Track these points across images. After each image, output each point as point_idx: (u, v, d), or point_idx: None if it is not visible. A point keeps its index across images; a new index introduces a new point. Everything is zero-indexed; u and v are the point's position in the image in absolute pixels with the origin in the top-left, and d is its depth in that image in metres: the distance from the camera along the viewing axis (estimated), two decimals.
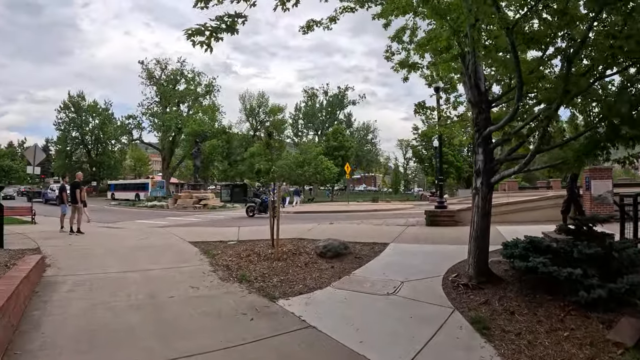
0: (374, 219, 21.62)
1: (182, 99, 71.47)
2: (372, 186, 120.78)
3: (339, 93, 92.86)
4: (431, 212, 16.48)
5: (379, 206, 33.74)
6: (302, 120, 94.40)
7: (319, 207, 36.83)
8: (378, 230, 15.17)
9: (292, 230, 15.52)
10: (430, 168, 67.67)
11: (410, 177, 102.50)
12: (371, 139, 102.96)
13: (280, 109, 73.42)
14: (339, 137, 70.33)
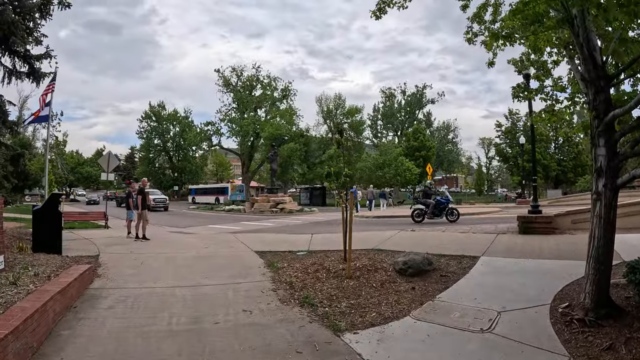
0: (458, 224, 19.71)
1: (259, 104, 71.45)
2: (454, 187, 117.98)
3: (417, 92, 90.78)
4: (525, 218, 14.43)
5: (462, 209, 31.25)
6: (381, 121, 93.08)
7: (401, 210, 34.83)
8: (465, 240, 13.25)
9: (370, 238, 14.16)
10: (516, 167, 64.41)
11: (493, 177, 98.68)
12: (452, 139, 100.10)
13: (358, 110, 71.52)
14: (419, 137, 68.03)
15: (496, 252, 11.00)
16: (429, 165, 44.74)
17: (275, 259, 11.47)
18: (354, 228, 10.48)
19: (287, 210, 37.78)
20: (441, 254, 10.74)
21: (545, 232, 13.83)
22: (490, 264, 9.75)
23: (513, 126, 68.95)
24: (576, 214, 14.78)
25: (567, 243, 11.81)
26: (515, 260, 10.00)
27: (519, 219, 14.28)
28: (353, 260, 9.84)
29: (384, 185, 55.85)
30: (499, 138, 72.64)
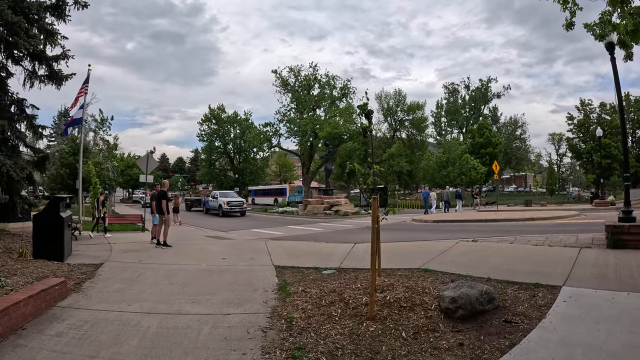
0: (530, 232, 16.47)
1: (318, 104, 69.29)
2: (523, 187, 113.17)
3: (481, 86, 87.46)
4: (615, 228, 11.29)
5: (533, 213, 27.44)
6: (445, 118, 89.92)
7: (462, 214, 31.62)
8: (539, 256, 10.29)
9: (419, 252, 11.85)
10: (590, 164, 59.92)
11: (564, 176, 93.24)
12: (520, 135, 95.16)
13: (419, 106, 68.27)
14: (485, 133, 64.66)
15: (583, 277, 8.03)
16: (495, 163, 41.23)
17: (294, 279, 9.42)
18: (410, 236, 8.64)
19: (342, 212, 35.27)
20: (507, 279, 8.03)
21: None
22: (578, 300, 6.71)
23: (586, 118, 64.65)
24: None
25: None
26: (612, 294, 6.85)
27: (608, 229, 11.22)
28: (386, 289, 7.33)
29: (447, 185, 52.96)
30: (571, 132, 68.24)
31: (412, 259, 10.53)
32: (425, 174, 57.38)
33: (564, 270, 8.48)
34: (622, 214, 11.76)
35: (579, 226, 18.67)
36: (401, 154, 60.73)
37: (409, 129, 69.32)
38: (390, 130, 71.20)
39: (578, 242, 12.05)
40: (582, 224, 19.75)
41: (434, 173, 55.68)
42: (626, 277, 7.82)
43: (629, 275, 8.00)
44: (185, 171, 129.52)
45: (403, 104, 70.22)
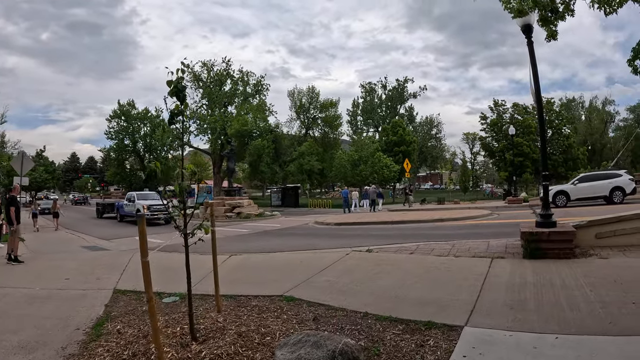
0: (438, 237, 14.57)
1: (230, 100, 66.53)
2: (439, 184, 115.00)
3: (398, 86, 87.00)
4: (532, 236, 9.38)
5: (443, 213, 25.37)
6: (361, 117, 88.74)
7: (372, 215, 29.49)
8: (439, 273, 8.20)
9: (297, 268, 9.75)
10: (502, 162, 60.43)
11: (478, 173, 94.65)
12: (435, 134, 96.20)
13: (333, 104, 66.83)
14: (398, 131, 63.53)
15: (494, 308, 5.89)
16: (406, 161, 40.07)
17: (124, 309, 7.33)
18: (300, 244, 10.15)
19: (244, 214, 32.70)
20: (390, 315, 5.82)
21: (563, 254, 9.07)
22: (485, 351, 4.47)
23: (499, 118, 65.47)
24: (603, 225, 10.28)
25: (608, 280, 7.09)
26: (534, 339, 4.70)
27: (524, 237, 9.35)
28: (211, 335, 5.13)
29: (360, 184, 51.55)
30: (484, 131, 68.79)
31: (284, 279, 8.44)
32: (337, 172, 55.68)
33: (469, 297, 6.46)
34: (540, 218, 9.93)
35: (492, 228, 17.14)
36: (312, 152, 59.18)
37: (322, 127, 67.61)
38: (303, 127, 69.17)
39: (489, 250, 10.24)
40: (494, 225, 18.29)
41: (346, 171, 54.08)
42: (550, 306, 5.87)
43: (553, 301, 6.08)
44: (96, 171, 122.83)
45: (316, 102, 68.43)
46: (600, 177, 27.95)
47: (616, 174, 28.37)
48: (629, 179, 27.48)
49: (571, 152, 63.30)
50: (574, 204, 27.47)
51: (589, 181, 28.02)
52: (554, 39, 8.78)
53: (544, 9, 8.12)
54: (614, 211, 11.73)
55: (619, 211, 10.94)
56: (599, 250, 9.51)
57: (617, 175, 27.87)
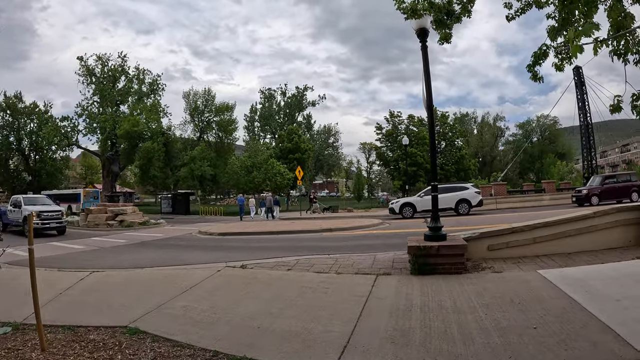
0: (322, 249, 13.62)
1: (123, 99, 62.92)
2: (335, 192, 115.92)
3: (297, 94, 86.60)
4: (420, 250, 8.53)
5: (334, 222, 24.48)
6: (259, 123, 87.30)
7: (255, 225, 28.10)
8: (316, 295, 7.09)
9: (157, 289, 8.36)
10: (396, 171, 61.59)
11: (374, 182, 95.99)
12: (332, 143, 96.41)
13: (229, 108, 64.83)
14: (294, 138, 62.90)
15: (372, 343, 4.86)
16: (299, 169, 39.23)
17: None
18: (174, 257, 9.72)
19: (127, 222, 30.29)
20: (244, 356, 4.65)
21: (454, 270, 8.32)
22: None
23: (394, 129, 66.87)
24: (495, 237, 9.90)
25: (504, 299, 6.41)
26: None
27: (412, 252, 8.44)
28: None
29: (252, 192, 50.25)
30: (379, 141, 69.98)
31: (137, 303, 7.05)
32: (229, 178, 53.91)
33: (345, 327, 5.43)
34: (430, 231, 9.10)
35: (381, 238, 16.47)
36: (205, 157, 57.08)
37: (217, 131, 65.59)
38: (197, 131, 66.81)
39: (375, 266, 9.33)
40: (384, 236, 17.57)
41: (238, 178, 52.56)
42: (439, 338, 4.97)
43: (443, 331, 5.20)
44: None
45: (212, 105, 66.32)
46: (447, 189, 28.53)
47: (463, 187, 29.99)
48: (475, 192, 28.85)
49: (463, 163, 66.33)
50: (475, 211, 28.23)
51: (439, 193, 28.12)
52: (447, 42, 8.33)
53: (440, 11, 7.72)
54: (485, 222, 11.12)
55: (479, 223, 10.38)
56: (492, 263, 9.04)
57: (464, 188, 29.22)
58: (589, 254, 9.72)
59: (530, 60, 7.89)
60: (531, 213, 25.73)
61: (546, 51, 7.74)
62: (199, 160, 56.55)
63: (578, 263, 8.92)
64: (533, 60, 7.86)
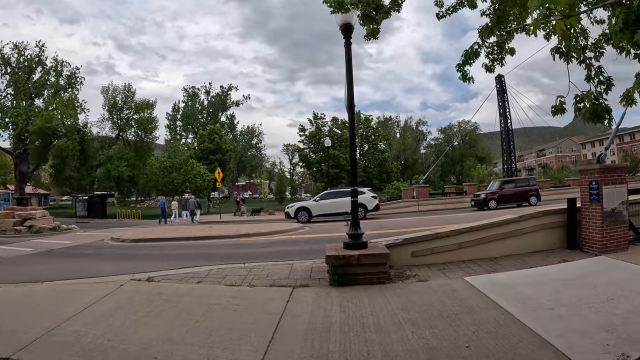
0: (237, 257, 12.74)
1: (38, 92, 59.19)
2: (258, 193, 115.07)
3: (221, 93, 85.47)
4: (339, 260, 8.08)
5: (253, 227, 23.09)
6: (181, 122, 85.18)
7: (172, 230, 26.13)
8: (222, 316, 6.37)
9: (50, 309, 7.40)
10: (319, 173, 61.59)
11: (297, 184, 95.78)
12: (256, 144, 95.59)
13: (149, 105, 62.41)
14: (215, 139, 61.89)
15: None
16: (218, 170, 38.23)
17: None
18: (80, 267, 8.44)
19: (35, 228, 28.02)
20: None
21: (377, 279, 8.02)
22: None
23: (317, 131, 66.82)
24: (420, 243, 9.77)
25: (432, 313, 6.13)
26: None
27: (330, 261, 8.02)
28: None
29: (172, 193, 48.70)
30: (302, 143, 69.94)
31: (26, 328, 6.12)
32: (148, 180, 52.04)
33: (253, 354, 4.96)
34: (349, 238, 8.72)
35: (300, 244, 15.89)
36: (123, 156, 54.83)
37: (136, 130, 63.18)
38: (115, 129, 64.08)
39: (292, 276, 8.90)
40: (303, 241, 17.01)
41: (157, 179, 51.11)
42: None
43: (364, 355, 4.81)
44: None
45: (132, 101, 63.74)
46: (344, 194, 28.41)
47: (360, 191, 29.05)
48: (371, 197, 29.10)
49: (386, 165, 68.02)
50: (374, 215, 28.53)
51: (333, 198, 28.78)
52: (374, 38, 7.84)
53: (368, 5, 7.29)
54: None
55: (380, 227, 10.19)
56: (416, 270, 8.86)
57: (360, 193, 28.37)
58: (516, 258, 9.91)
59: (461, 60, 7.67)
60: (451, 216, 26.11)
61: (477, 50, 7.57)
62: (116, 160, 54.22)
63: (505, 268, 9.01)
64: (463, 60, 7.65)
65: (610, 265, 8.79)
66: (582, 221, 10.70)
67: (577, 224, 10.88)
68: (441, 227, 11.17)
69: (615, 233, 10.28)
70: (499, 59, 7.57)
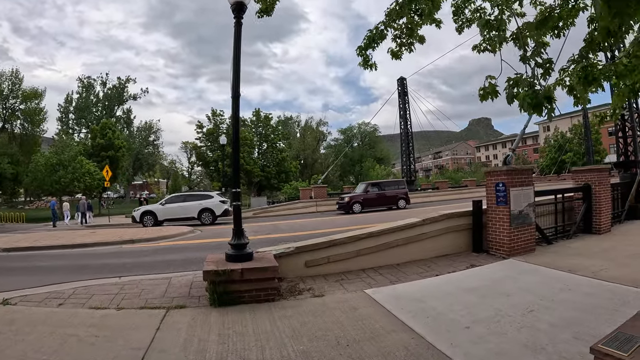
0: (112, 269, 11.15)
1: None
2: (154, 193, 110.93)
3: (119, 85, 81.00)
4: (220, 276, 6.79)
5: (139, 231, 22.24)
6: (74, 115, 79.59)
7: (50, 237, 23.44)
8: (76, 353, 5.08)
9: None
10: (216, 172, 59.97)
11: (195, 183, 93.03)
12: (153, 141, 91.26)
13: (37, 95, 57.98)
14: (107, 134, 58.47)
15: None
16: (106, 168, 35.66)
17: None
18: None
19: None
20: None
21: (265, 297, 6.99)
22: None
23: (216, 128, 65.50)
24: (314, 251, 8.80)
25: (328, 340, 5.27)
26: None
27: (209, 278, 6.77)
28: None
29: (60, 193, 45.31)
30: (199, 140, 68.64)
31: None
32: (33, 178, 47.81)
33: None
34: (232, 249, 7.52)
35: (186, 251, 14.36)
36: (5, 152, 50.53)
37: (23, 122, 58.52)
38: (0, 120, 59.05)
39: (168, 293, 7.64)
40: (191, 248, 15.43)
41: (43, 178, 46.77)
42: None
43: None
44: None
45: (18, 90, 58.90)
46: (191, 198, 28.04)
47: (207, 195, 28.91)
48: (220, 201, 27.79)
49: (285, 165, 67.92)
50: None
51: (180, 202, 27.86)
52: (267, 15, 7.06)
53: None
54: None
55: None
56: (311, 282, 7.98)
57: (208, 197, 28.22)
58: (420, 264, 9.48)
59: (363, 42, 6.69)
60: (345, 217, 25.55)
61: (384, 31, 6.60)
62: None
63: (410, 276, 8.43)
64: (366, 43, 6.66)
65: (520, 270, 8.57)
66: (489, 223, 10.56)
67: (483, 226, 10.73)
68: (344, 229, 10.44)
69: (523, 235, 10.25)
70: (407, 44, 6.68)
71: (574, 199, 13.22)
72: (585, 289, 6.97)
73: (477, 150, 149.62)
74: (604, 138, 76.10)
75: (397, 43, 6.78)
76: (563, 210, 12.77)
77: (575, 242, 11.66)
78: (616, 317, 5.44)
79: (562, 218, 12.69)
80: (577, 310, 5.95)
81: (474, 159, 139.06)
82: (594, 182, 13.07)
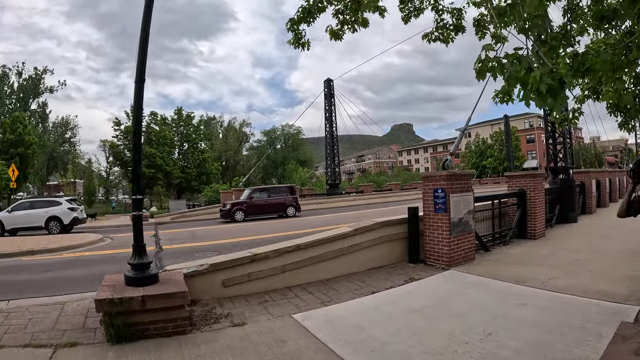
0: (5, 287, 9.30)
1: None
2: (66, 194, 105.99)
3: (35, 76, 75.88)
4: (117, 305, 5.29)
5: (40, 240, 19.43)
6: None
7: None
8: None
9: None
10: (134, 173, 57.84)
11: (113, 184, 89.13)
12: (70, 138, 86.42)
13: None
14: (18, 129, 54.23)
15: None
16: (12, 167, 33.14)
17: None
18: None
19: None
20: None
21: (173, 328, 5.71)
22: None
23: None
24: (231, 268, 7.63)
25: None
26: None
27: (102, 307, 5.36)
28: None
29: None
30: (117, 138, 66.21)
31: None
32: None
33: None
34: (131, 270, 6.13)
35: (91, 266, 12.35)
36: None
37: None
38: None
39: (59, 325, 6.16)
40: (97, 261, 13.36)
41: None
42: None
43: None
44: None
45: None
46: (40, 204, 26.00)
47: (56, 202, 26.88)
48: (68, 209, 25.93)
49: (206, 166, 67.78)
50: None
51: (27, 209, 25.67)
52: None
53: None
54: None
55: None
56: (230, 305, 6.85)
57: (56, 204, 26.26)
58: (353, 278, 8.70)
59: (296, 15, 5.62)
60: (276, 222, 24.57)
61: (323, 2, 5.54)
62: None
63: (343, 295, 7.54)
64: (299, 16, 5.60)
65: (465, 282, 8.03)
66: (426, 232, 9.96)
67: (420, 234, 10.06)
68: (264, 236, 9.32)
69: (463, 244, 9.77)
70: (350, 22, 5.65)
71: (509, 205, 13.27)
72: (540, 302, 6.54)
73: (399, 155, 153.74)
74: (522, 145, 79.56)
75: (339, 20, 5.79)
76: (500, 215, 12.75)
77: (512, 248, 11.61)
78: (585, 336, 4.99)
79: (499, 224, 12.67)
80: (539, 329, 5.38)
81: (396, 163, 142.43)
82: (529, 187, 13.21)
